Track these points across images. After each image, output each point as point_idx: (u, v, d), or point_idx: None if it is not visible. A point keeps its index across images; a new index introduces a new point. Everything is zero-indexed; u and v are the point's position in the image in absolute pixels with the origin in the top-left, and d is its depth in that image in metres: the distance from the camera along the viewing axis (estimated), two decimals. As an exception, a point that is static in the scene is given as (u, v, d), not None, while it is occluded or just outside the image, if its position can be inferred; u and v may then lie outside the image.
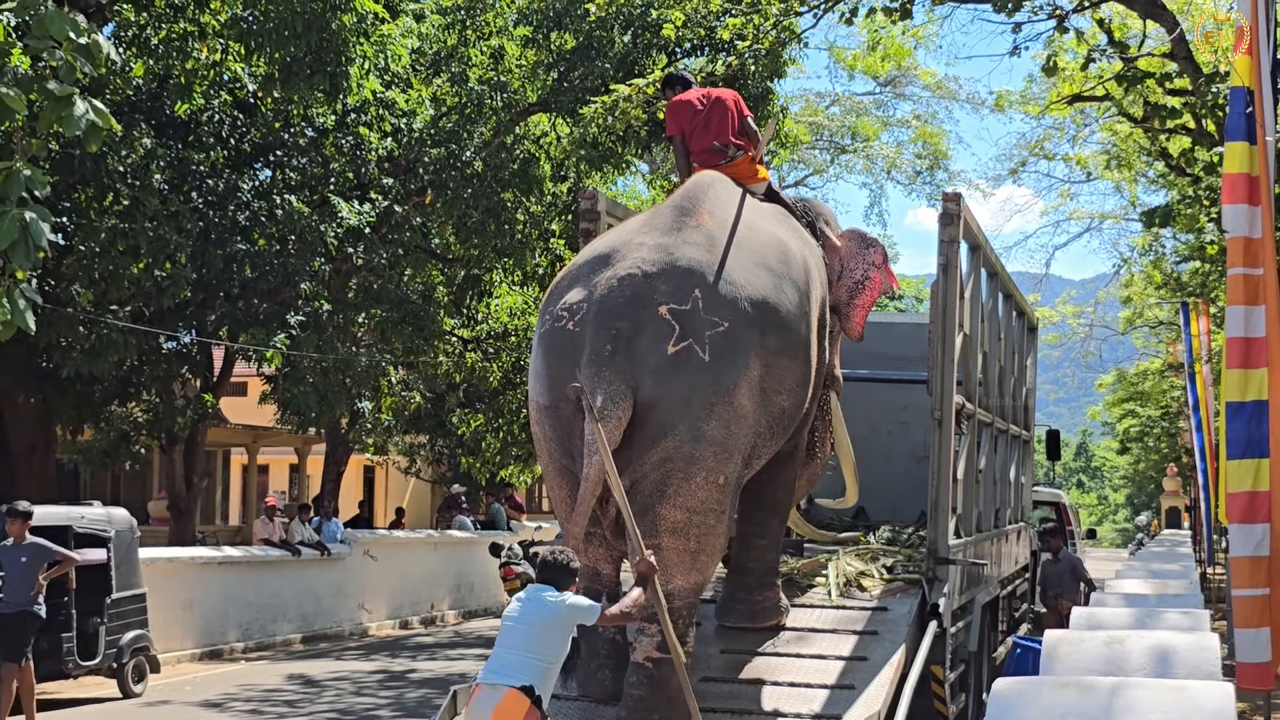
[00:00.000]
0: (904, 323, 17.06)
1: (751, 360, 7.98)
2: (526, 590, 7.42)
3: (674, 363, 7.78)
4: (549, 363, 8.06)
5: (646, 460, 7.83)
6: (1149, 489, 73.11)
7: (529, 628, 7.22)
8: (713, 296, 7.94)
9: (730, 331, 7.91)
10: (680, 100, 9.77)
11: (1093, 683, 7.57)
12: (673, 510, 7.87)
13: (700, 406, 7.80)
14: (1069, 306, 42.13)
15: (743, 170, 9.49)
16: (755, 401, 8.06)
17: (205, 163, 20.48)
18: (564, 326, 8.01)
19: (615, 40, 22.27)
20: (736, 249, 8.28)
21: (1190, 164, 20.83)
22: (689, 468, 7.83)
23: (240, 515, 34.37)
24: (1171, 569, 16.25)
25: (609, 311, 7.87)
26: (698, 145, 9.59)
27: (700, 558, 8.03)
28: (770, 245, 8.59)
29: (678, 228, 8.29)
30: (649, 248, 8.13)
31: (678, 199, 8.65)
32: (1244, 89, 10.29)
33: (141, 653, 16.05)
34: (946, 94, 39.02)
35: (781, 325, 8.23)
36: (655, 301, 7.87)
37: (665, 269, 7.99)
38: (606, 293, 7.94)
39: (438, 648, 21.44)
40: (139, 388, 21.96)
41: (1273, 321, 10.17)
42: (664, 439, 7.79)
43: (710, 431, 7.84)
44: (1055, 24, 16.91)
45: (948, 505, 9.95)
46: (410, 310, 23.08)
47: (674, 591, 7.93)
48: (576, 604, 7.25)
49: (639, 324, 7.83)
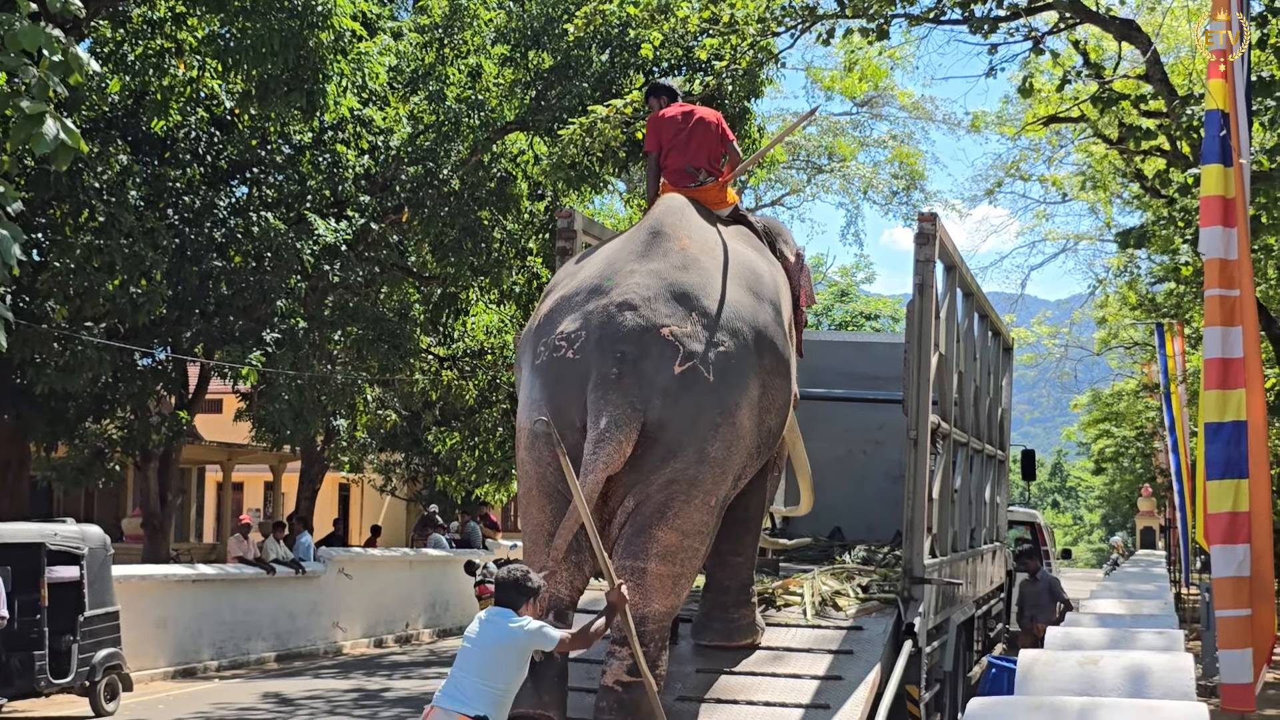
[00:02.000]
0: (879, 342, 17.08)
1: (751, 380, 8.10)
2: (487, 612, 7.34)
3: (681, 383, 7.85)
4: (550, 392, 8.03)
5: (654, 481, 7.87)
6: (1124, 509, 73.27)
7: (485, 652, 7.16)
8: (710, 319, 8.04)
9: (730, 352, 8.00)
10: (663, 116, 9.67)
11: (1066, 703, 7.57)
12: (669, 533, 7.90)
13: (706, 427, 7.89)
14: (1044, 327, 42.26)
15: (710, 195, 9.46)
16: (753, 422, 8.18)
17: (181, 179, 20.44)
18: (563, 355, 7.99)
19: (593, 60, 22.30)
20: (722, 272, 8.36)
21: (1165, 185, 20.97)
22: (690, 489, 7.89)
23: (215, 533, 34.22)
24: (1146, 589, 16.28)
25: (612, 336, 7.89)
26: (673, 164, 9.52)
27: (680, 583, 8.06)
28: (747, 268, 8.65)
29: (664, 254, 8.33)
30: (642, 273, 8.16)
31: (655, 225, 8.64)
32: (1219, 112, 10.33)
33: (114, 671, 15.96)
34: (923, 114, 39.22)
35: (772, 345, 8.33)
36: (658, 324, 7.93)
37: (661, 293, 8.05)
38: (606, 319, 7.96)
39: (413, 666, 21.37)
40: (114, 405, 21.88)
41: (1250, 342, 10.21)
42: (673, 460, 7.85)
43: (714, 453, 7.93)
44: (1031, 46, 17.02)
45: (923, 525, 9.96)
46: (386, 328, 23.07)
47: (649, 615, 7.93)
48: (535, 631, 7.16)
49: (644, 347, 7.87)
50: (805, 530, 13.95)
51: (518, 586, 7.25)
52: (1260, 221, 15.15)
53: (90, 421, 22.40)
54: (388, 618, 25.04)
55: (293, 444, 24.28)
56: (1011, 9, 16.37)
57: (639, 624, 7.84)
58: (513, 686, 7.22)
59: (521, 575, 7.29)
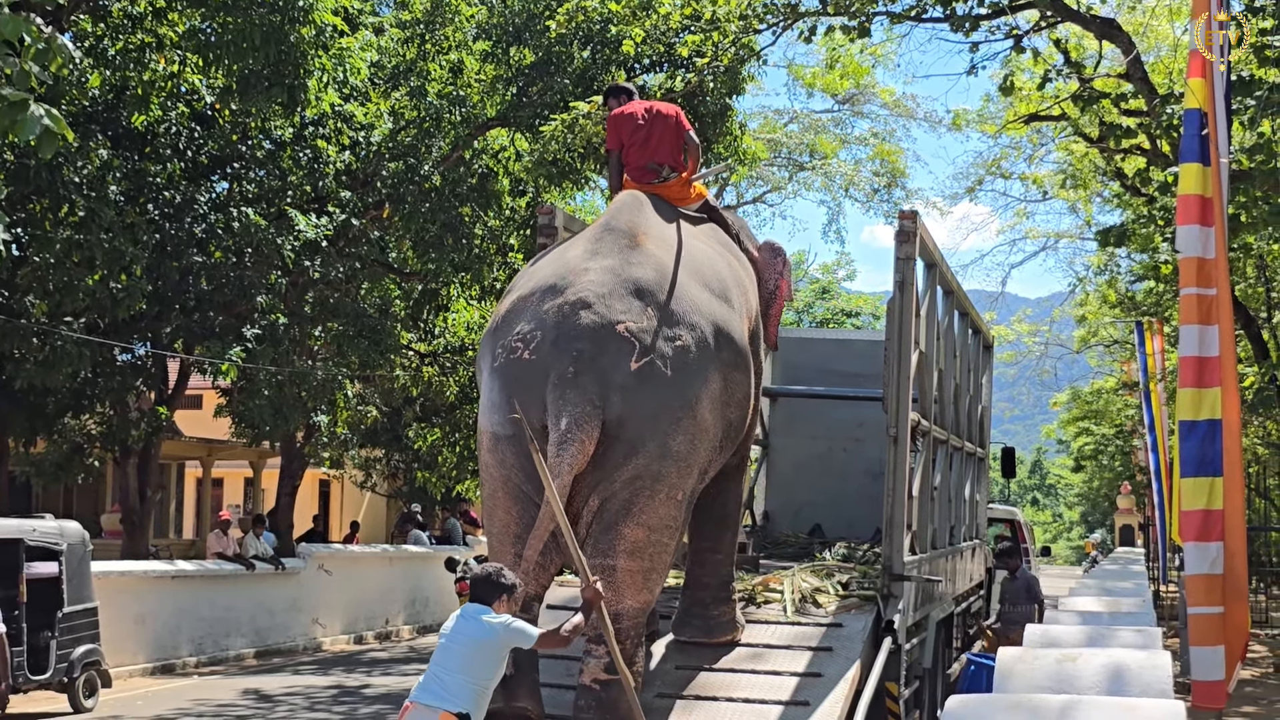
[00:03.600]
0: (860, 340, 17.10)
1: (710, 374, 8.07)
2: (464, 608, 7.30)
3: (639, 379, 7.82)
4: (509, 393, 7.99)
5: (618, 479, 7.85)
6: (1103, 506, 73.54)
7: (463, 648, 7.13)
8: (667, 314, 8.01)
9: (688, 347, 7.97)
10: (622, 113, 9.63)
11: (1044, 700, 7.58)
12: (635, 529, 7.88)
13: (667, 422, 7.87)
14: (1024, 325, 42.35)
15: (674, 191, 9.43)
16: (715, 415, 8.15)
17: (162, 174, 20.37)
18: (520, 357, 7.96)
19: (575, 56, 22.28)
20: (678, 268, 8.33)
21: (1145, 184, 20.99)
22: (654, 485, 7.87)
23: (194, 529, 34.18)
24: (1125, 586, 16.32)
25: (568, 335, 7.86)
26: (634, 161, 9.48)
27: (652, 577, 8.05)
28: (707, 262, 8.66)
29: (619, 250, 8.31)
30: (596, 271, 8.13)
31: (611, 222, 8.62)
32: (1198, 111, 10.37)
33: (93, 667, 15.92)
34: (904, 112, 39.25)
35: (730, 339, 8.30)
36: (613, 321, 7.89)
37: (617, 290, 8.01)
38: (561, 318, 7.93)
39: (392, 663, 21.36)
40: (93, 400, 21.82)
41: (1226, 341, 10.26)
42: (635, 456, 7.83)
43: (676, 447, 7.91)
44: (1012, 44, 17.06)
45: (903, 522, 9.98)
46: (367, 324, 23.04)
47: (623, 612, 7.94)
48: (513, 627, 7.14)
49: (600, 344, 7.83)
50: (786, 527, 14.00)
51: (493, 583, 7.22)
52: (1239, 220, 15.23)
53: (69, 417, 22.35)
54: (367, 614, 25.02)
55: (273, 440, 24.25)
56: (993, 7, 16.41)
57: (613, 621, 7.85)
58: (492, 683, 7.21)
59: (496, 572, 7.27)
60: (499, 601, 7.21)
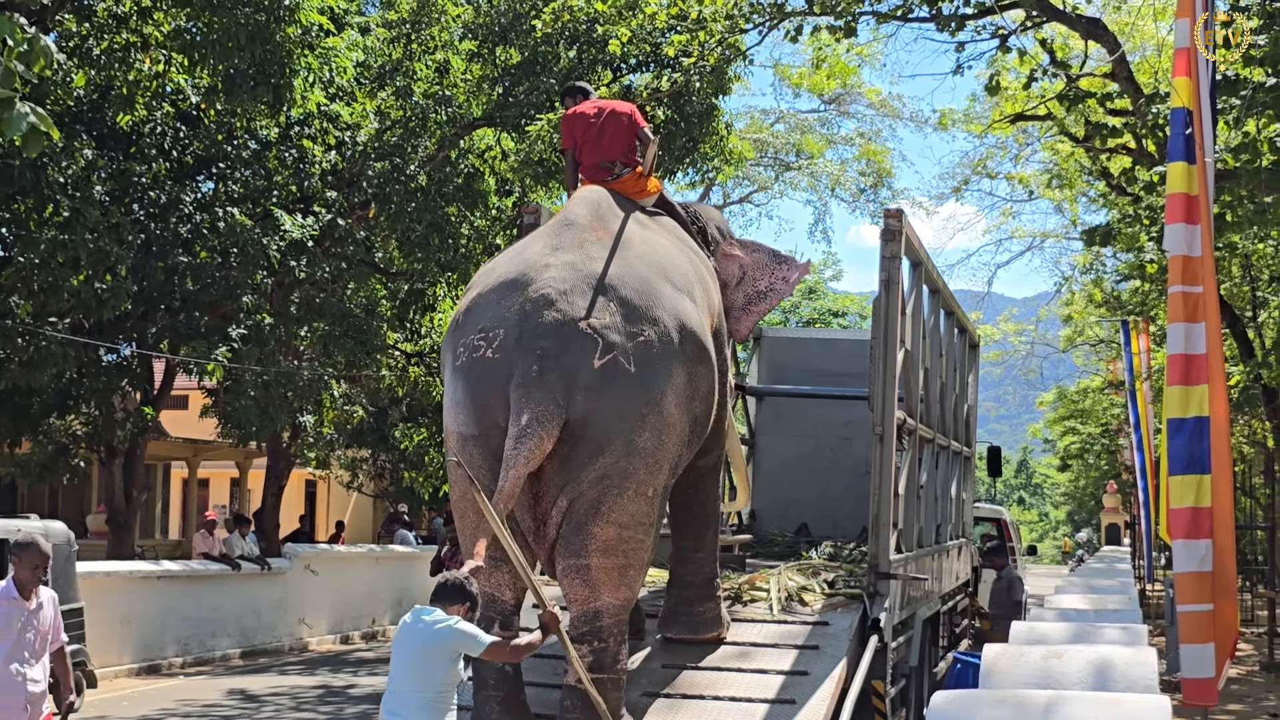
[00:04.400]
0: (846, 339, 17.14)
1: (674, 368, 8.02)
2: (415, 610, 7.16)
3: (603, 376, 7.77)
4: (472, 392, 7.98)
5: (584, 478, 7.81)
6: (1089, 506, 73.63)
7: (411, 660, 7.01)
8: (629, 309, 7.96)
9: (651, 342, 7.93)
10: (575, 113, 9.66)
11: (1030, 696, 7.59)
12: (606, 527, 7.82)
13: (633, 419, 7.82)
14: (1010, 324, 42.43)
15: (629, 186, 9.40)
16: (681, 410, 8.09)
17: (147, 174, 20.33)
18: (483, 355, 7.91)
19: (561, 56, 22.27)
20: (639, 262, 8.30)
21: (1130, 183, 21.04)
22: (623, 482, 7.82)
23: (180, 530, 34.10)
24: (1110, 584, 16.36)
25: (531, 333, 7.82)
26: (587, 159, 9.49)
27: (629, 573, 7.99)
28: (665, 257, 8.61)
29: (579, 245, 8.27)
30: (558, 267, 8.08)
31: (570, 216, 8.58)
32: (1184, 110, 10.39)
33: (78, 667, 15.82)
34: (890, 112, 39.26)
35: (692, 333, 8.23)
36: (576, 318, 7.85)
37: (578, 286, 7.97)
38: (523, 316, 7.88)
39: (378, 663, 21.30)
40: (78, 400, 21.77)
41: (1212, 338, 10.28)
42: (601, 455, 7.78)
43: (642, 444, 7.85)
44: (998, 43, 17.05)
45: (889, 520, 9.99)
46: (353, 324, 23.01)
47: (603, 609, 7.90)
48: (461, 630, 6.96)
49: (564, 341, 7.79)
50: (772, 526, 14.00)
51: (456, 589, 7.06)
52: (1225, 219, 15.24)
53: (55, 417, 22.27)
54: (354, 614, 24.99)
55: (259, 440, 24.20)
56: (979, 7, 16.41)
57: (592, 619, 7.85)
58: (448, 686, 7.05)
59: (465, 580, 7.13)
60: (457, 608, 7.04)
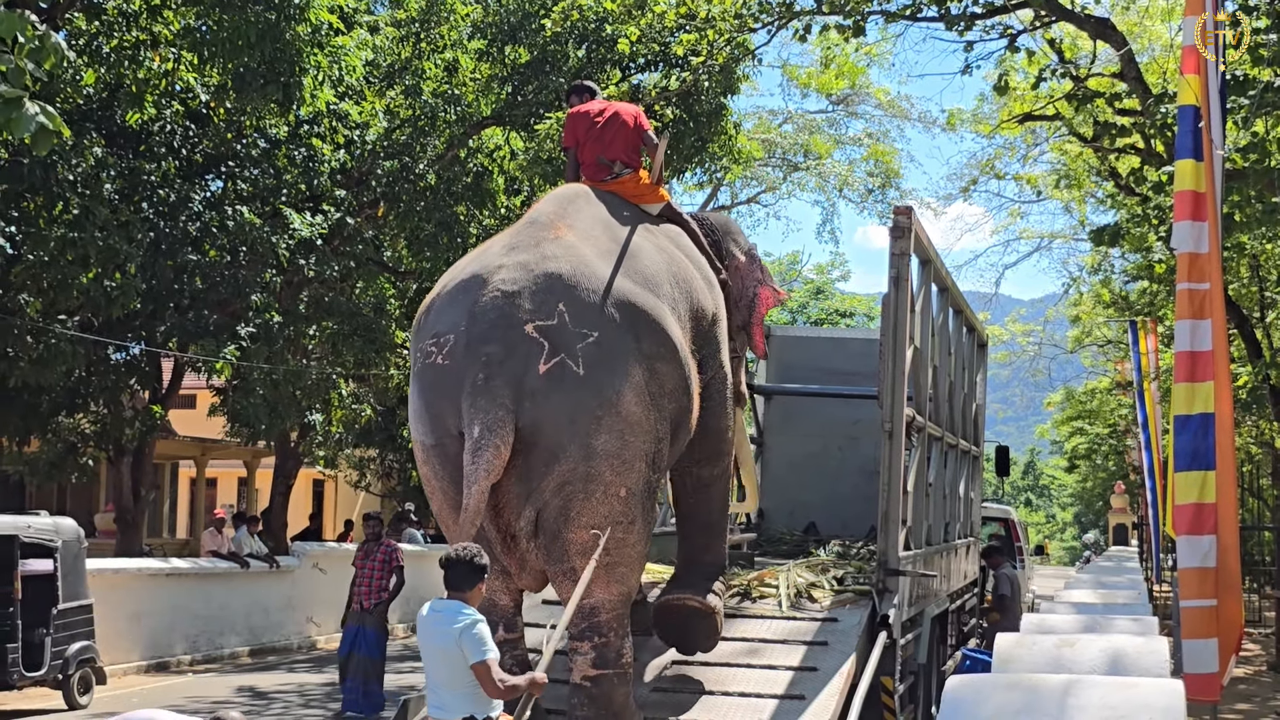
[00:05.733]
0: (855, 338, 17.15)
1: (630, 365, 7.73)
2: (433, 603, 7.02)
3: (550, 382, 7.53)
4: (426, 400, 7.84)
5: (545, 488, 7.62)
6: (1097, 506, 73.62)
7: (440, 661, 6.91)
8: (579, 308, 7.70)
9: (601, 341, 7.67)
10: (578, 112, 9.56)
11: (1044, 680, 7.59)
12: (579, 531, 7.64)
13: (586, 422, 7.57)
14: (1018, 325, 42.43)
15: (628, 188, 9.23)
16: (644, 406, 7.78)
17: (156, 173, 20.38)
18: (434, 362, 7.76)
19: (570, 55, 22.30)
20: (601, 258, 8.06)
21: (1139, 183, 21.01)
22: (588, 486, 7.60)
23: (188, 529, 34.17)
24: (1119, 581, 16.38)
25: (477, 338, 7.62)
26: (588, 158, 9.37)
27: (617, 570, 7.81)
28: (638, 252, 8.34)
29: (535, 242, 8.04)
30: (509, 267, 7.86)
31: (535, 213, 8.44)
32: (1193, 108, 10.39)
33: (88, 664, 15.93)
34: (898, 112, 39.26)
35: (653, 329, 7.93)
36: (520, 321, 7.62)
37: (526, 286, 7.73)
38: (471, 320, 7.70)
39: (387, 661, 21.30)
40: (87, 399, 21.81)
41: (1218, 336, 10.28)
42: (557, 463, 7.57)
43: (602, 446, 7.60)
44: (1006, 43, 17.08)
45: (898, 517, 9.99)
46: (362, 323, 23.05)
47: (598, 605, 7.79)
48: (473, 635, 6.80)
49: (508, 346, 7.57)
50: (780, 525, 14.01)
51: (466, 565, 6.93)
52: (1233, 219, 15.24)
53: (63, 416, 22.32)
54: (362, 613, 24.96)
55: (267, 439, 24.23)
56: (987, 6, 16.42)
57: (590, 615, 7.77)
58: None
59: (475, 554, 6.98)
60: (474, 590, 6.96)
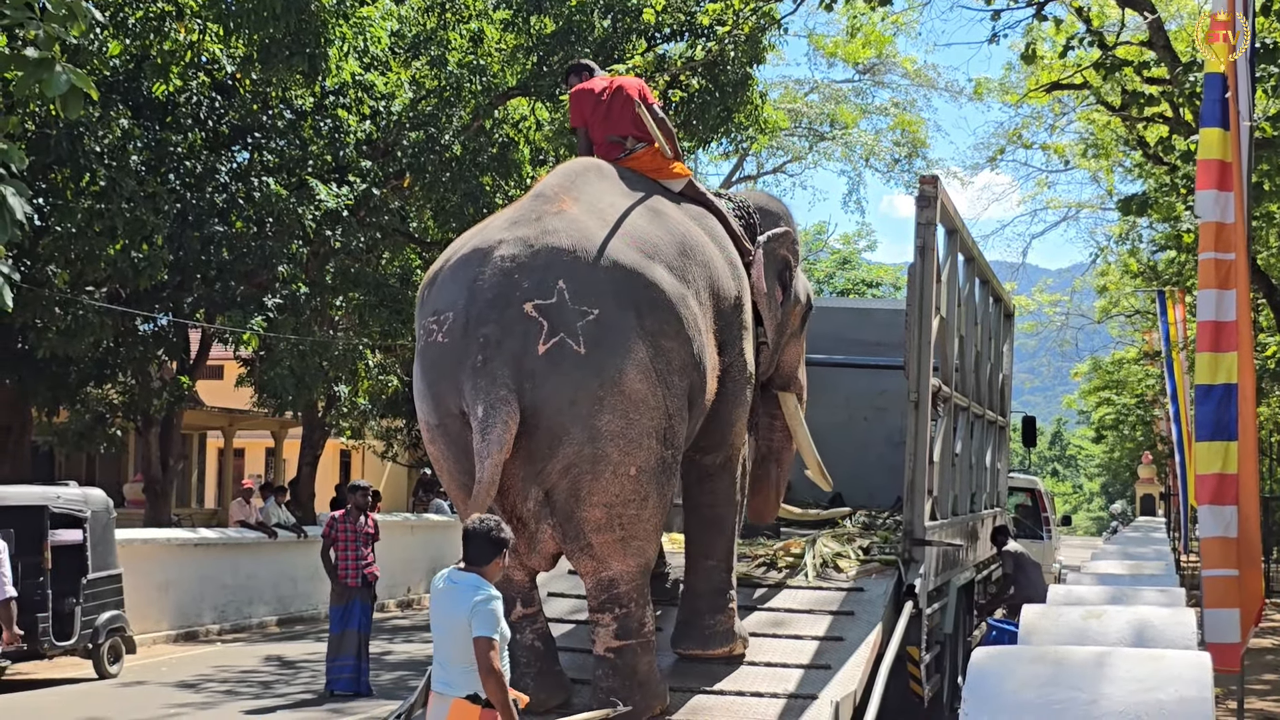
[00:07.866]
0: (881, 309, 17.06)
1: (633, 343, 7.50)
2: (449, 574, 6.94)
3: (549, 363, 7.35)
4: (428, 380, 7.72)
5: (551, 471, 7.47)
6: (1124, 477, 73.48)
7: (448, 635, 6.85)
8: (579, 285, 7.48)
9: (602, 318, 7.45)
10: (582, 89, 9.39)
11: (1071, 652, 7.56)
12: (591, 510, 7.51)
13: (588, 403, 7.38)
14: (1045, 295, 42.29)
15: (645, 163, 9.02)
16: (651, 384, 7.54)
17: (183, 144, 20.42)
18: (435, 340, 7.62)
19: (595, 25, 22.25)
20: (603, 231, 7.82)
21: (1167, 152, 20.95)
22: (595, 467, 7.44)
23: (216, 499, 34.31)
24: (1146, 552, 16.34)
25: (476, 319, 7.45)
26: (598, 135, 9.21)
27: (633, 544, 7.67)
28: (648, 226, 8.07)
29: (537, 217, 7.82)
30: (510, 243, 7.66)
31: (540, 187, 8.24)
32: (1220, 76, 10.33)
33: (117, 633, 16.03)
34: (925, 82, 39.15)
35: (657, 305, 7.68)
36: (519, 299, 7.42)
37: (526, 263, 7.53)
38: (470, 299, 7.52)
39: (414, 630, 21.45)
40: (115, 370, 21.91)
41: (1242, 306, 10.25)
42: (561, 445, 7.40)
43: (606, 426, 7.40)
44: (1034, 12, 16.99)
45: (924, 487, 9.98)
46: (388, 294, 23.09)
47: (616, 576, 7.69)
48: (486, 612, 6.70)
49: (507, 326, 7.38)
50: (805, 496, 13.99)
51: (483, 538, 6.84)
52: (1262, 189, 15.17)
53: (92, 386, 22.44)
54: (389, 582, 25.00)
55: (294, 410, 24.30)
56: (1015, -26, 16.36)
57: (609, 586, 7.68)
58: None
59: (495, 526, 6.88)
60: (492, 564, 6.88)
